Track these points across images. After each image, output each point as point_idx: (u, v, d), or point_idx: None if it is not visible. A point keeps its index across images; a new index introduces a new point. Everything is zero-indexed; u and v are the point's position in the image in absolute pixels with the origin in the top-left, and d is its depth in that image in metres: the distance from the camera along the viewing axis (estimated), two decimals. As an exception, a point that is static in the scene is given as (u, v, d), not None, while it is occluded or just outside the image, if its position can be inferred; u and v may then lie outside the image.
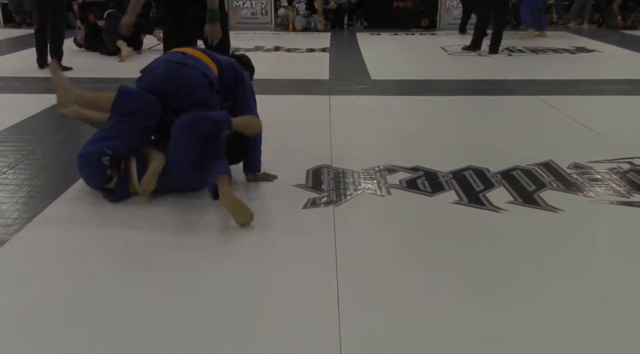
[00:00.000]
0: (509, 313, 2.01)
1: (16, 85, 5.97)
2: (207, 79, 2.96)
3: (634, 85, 5.87)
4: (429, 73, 6.78)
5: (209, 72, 3.01)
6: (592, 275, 2.27)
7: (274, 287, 2.16)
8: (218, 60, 3.12)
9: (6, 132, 4.14)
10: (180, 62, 2.98)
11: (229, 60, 3.22)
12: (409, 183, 3.18)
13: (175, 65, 2.98)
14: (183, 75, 2.95)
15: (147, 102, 2.90)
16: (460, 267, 2.31)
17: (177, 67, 2.97)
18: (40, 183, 3.15)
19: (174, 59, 3.03)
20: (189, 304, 2.05)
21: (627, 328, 1.94)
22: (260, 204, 2.91)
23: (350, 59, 7.69)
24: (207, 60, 3.06)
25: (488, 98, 5.36)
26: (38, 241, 2.53)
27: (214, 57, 3.13)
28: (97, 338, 1.87)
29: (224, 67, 3.11)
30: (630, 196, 3.00)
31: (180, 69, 2.96)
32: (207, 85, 2.96)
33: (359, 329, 1.91)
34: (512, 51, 8.23)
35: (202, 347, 1.82)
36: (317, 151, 3.67)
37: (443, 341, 1.86)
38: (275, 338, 1.86)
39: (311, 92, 5.52)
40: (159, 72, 2.98)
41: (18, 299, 2.09)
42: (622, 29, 10.95)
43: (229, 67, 3.14)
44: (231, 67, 3.15)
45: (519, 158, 3.52)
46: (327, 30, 10.88)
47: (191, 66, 2.96)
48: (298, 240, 2.54)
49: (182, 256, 2.39)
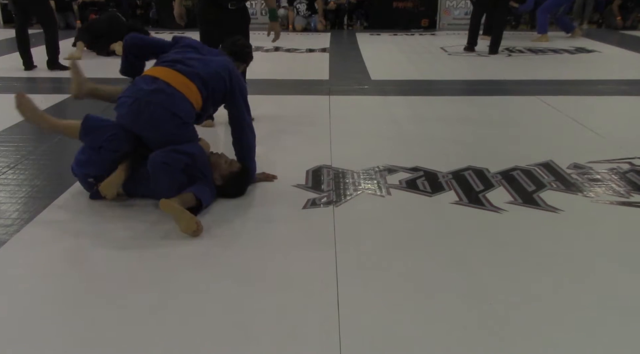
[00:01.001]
0: (509, 313, 2.01)
1: (16, 85, 5.97)
2: (176, 119, 2.76)
3: (634, 86, 5.87)
4: (429, 73, 6.78)
5: (182, 106, 2.78)
6: (591, 275, 2.27)
7: (274, 287, 2.16)
8: (202, 78, 2.87)
9: (6, 132, 4.14)
10: (148, 100, 2.73)
11: (217, 70, 2.94)
12: (408, 183, 3.18)
13: (140, 104, 2.74)
14: (148, 118, 2.74)
15: (110, 137, 2.77)
16: (460, 267, 2.31)
17: (143, 107, 2.73)
18: (40, 184, 3.15)
19: (142, 94, 2.76)
20: (188, 304, 2.05)
21: (628, 328, 1.94)
22: (260, 204, 2.91)
23: (350, 59, 7.69)
24: (184, 88, 2.80)
25: (488, 98, 5.36)
26: (38, 241, 2.53)
27: (197, 75, 2.86)
28: (96, 338, 1.87)
29: (210, 83, 2.89)
30: (630, 196, 3.00)
31: (145, 109, 2.73)
32: (176, 126, 2.78)
33: (359, 329, 1.91)
34: (512, 51, 8.24)
35: (202, 347, 1.82)
36: (317, 151, 3.67)
37: (443, 341, 1.86)
38: (275, 338, 1.86)
39: (311, 92, 5.52)
40: (124, 111, 2.79)
41: (18, 300, 2.09)
42: (622, 29, 10.95)
43: (217, 78, 2.91)
44: (219, 78, 2.92)
45: (518, 159, 3.52)
46: (326, 30, 10.88)
47: (158, 104, 2.73)
48: (298, 240, 2.54)
49: (182, 257, 2.39)
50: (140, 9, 11.50)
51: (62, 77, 5.92)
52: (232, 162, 3.01)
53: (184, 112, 2.80)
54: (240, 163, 3.02)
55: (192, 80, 2.84)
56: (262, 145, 3.95)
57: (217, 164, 2.95)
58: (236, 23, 4.07)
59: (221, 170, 2.93)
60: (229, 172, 2.94)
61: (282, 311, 2.01)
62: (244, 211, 2.83)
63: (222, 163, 2.95)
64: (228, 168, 2.95)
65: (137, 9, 11.50)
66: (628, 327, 1.94)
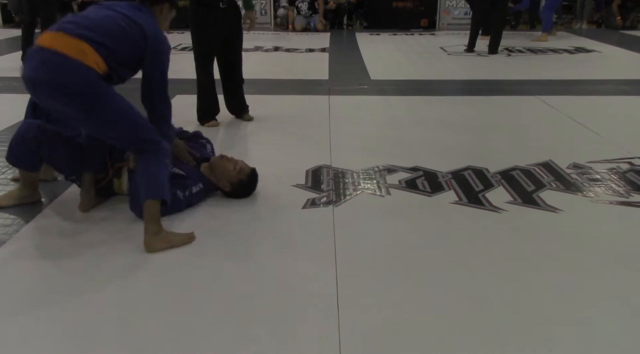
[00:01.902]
0: (509, 313, 2.01)
1: (16, 85, 5.96)
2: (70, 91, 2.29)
3: (634, 85, 5.87)
4: (429, 73, 6.79)
5: (75, 75, 2.28)
6: (591, 275, 2.27)
7: (274, 287, 2.16)
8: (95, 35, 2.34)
9: (6, 132, 4.13)
10: (34, 80, 2.33)
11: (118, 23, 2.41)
12: (408, 183, 3.18)
13: (32, 87, 2.36)
14: (45, 99, 2.40)
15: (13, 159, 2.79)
16: (460, 267, 2.31)
17: (36, 89, 2.36)
18: (39, 184, 3.14)
19: (26, 73, 2.35)
20: (188, 304, 2.05)
21: (627, 328, 1.94)
22: (260, 204, 2.91)
23: (350, 59, 7.69)
24: (76, 51, 2.28)
25: (487, 98, 5.36)
26: (37, 241, 2.53)
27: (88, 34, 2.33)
28: (96, 338, 1.87)
29: (108, 39, 2.36)
30: (630, 196, 3.00)
31: (38, 90, 2.37)
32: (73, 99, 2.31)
33: (359, 329, 1.91)
34: (512, 51, 8.24)
35: (202, 347, 1.82)
36: (317, 151, 3.67)
37: (443, 341, 1.86)
38: (275, 338, 1.86)
39: (311, 92, 5.52)
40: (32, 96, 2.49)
41: (17, 300, 2.09)
42: (622, 29, 10.95)
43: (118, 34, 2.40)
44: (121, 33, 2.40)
45: (518, 158, 3.52)
46: (326, 30, 10.88)
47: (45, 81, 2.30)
48: (298, 240, 2.54)
49: (182, 257, 2.39)
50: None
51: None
52: (241, 169, 2.91)
53: (78, 80, 2.28)
54: (250, 168, 2.96)
55: (84, 40, 2.31)
56: (262, 145, 3.97)
57: (226, 171, 2.89)
58: (228, 21, 4.05)
59: (230, 178, 2.89)
60: (238, 179, 2.90)
61: (282, 311, 2.01)
62: (244, 210, 2.83)
63: (231, 170, 2.88)
64: (237, 176, 2.89)
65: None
66: (628, 327, 1.94)
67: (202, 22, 4.03)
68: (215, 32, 4.01)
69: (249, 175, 2.95)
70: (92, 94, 2.33)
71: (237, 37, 4.17)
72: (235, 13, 4.14)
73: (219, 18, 4.00)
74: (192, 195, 2.80)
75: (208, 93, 4.23)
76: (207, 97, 4.23)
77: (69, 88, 2.29)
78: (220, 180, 2.91)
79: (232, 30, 4.09)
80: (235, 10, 4.12)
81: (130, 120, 2.44)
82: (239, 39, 4.19)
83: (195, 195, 2.82)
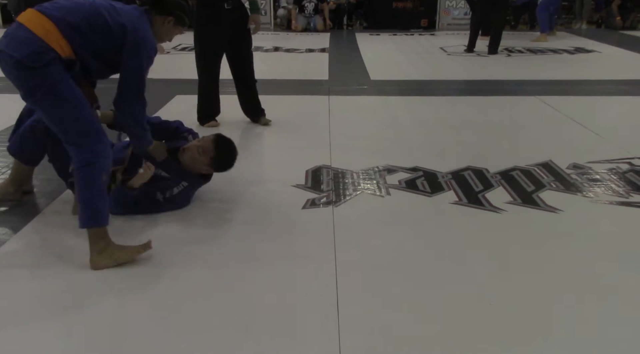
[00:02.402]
0: (509, 313, 2.01)
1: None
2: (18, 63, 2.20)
3: (633, 86, 5.87)
4: (429, 73, 6.79)
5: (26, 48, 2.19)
6: (591, 275, 2.27)
7: (274, 287, 2.16)
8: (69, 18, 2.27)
9: (6, 132, 4.13)
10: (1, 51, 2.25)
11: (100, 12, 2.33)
12: (408, 183, 3.18)
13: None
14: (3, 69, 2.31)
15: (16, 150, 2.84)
16: (460, 267, 2.31)
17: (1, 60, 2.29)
18: (39, 184, 3.14)
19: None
20: (189, 304, 2.05)
21: (627, 328, 1.94)
22: (260, 204, 2.91)
23: (350, 59, 7.69)
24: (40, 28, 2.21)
25: (487, 98, 5.37)
26: (37, 241, 2.53)
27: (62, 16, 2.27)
28: (96, 338, 1.87)
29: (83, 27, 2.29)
30: (629, 196, 3.00)
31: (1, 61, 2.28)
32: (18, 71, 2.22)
33: (359, 329, 1.91)
34: (512, 51, 8.24)
35: (202, 347, 1.82)
36: (317, 151, 3.67)
37: (443, 341, 1.86)
38: (275, 338, 1.86)
39: (311, 92, 5.52)
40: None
41: (17, 300, 2.09)
42: (621, 29, 10.96)
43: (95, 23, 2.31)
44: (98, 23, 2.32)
45: (518, 159, 3.53)
46: (326, 30, 10.88)
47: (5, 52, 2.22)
48: (297, 240, 2.54)
49: (182, 257, 2.39)
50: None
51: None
52: (204, 149, 2.82)
53: (27, 53, 2.19)
54: (210, 140, 2.86)
55: (54, 20, 2.24)
56: (261, 145, 3.97)
57: (194, 161, 2.83)
58: (233, 22, 4.03)
59: (202, 163, 2.84)
60: (209, 160, 2.83)
61: (282, 311, 2.01)
62: (243, 211, 2.83)
63: (197, 156, 2.82)
64: (207, 158, 2.82)
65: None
66: (628, 327, 1.94)
67: (205, 22, 4.01)
68: (218, 33, 3.99)
69: (216, 148, 2.84)
70: (38, 74, 2.22)
71: (243, 38, 4.12)
72: (241, 14, 4.10)
73: (222, 18, 3.98)
74: (174, 195, 2.76)
75: (208, 93, 4.22)
76: (208, 97, 4.23)
77: (20, 62, 2.19)
78: (199, 169, 2.87)
79: (236, 31, 4.05)
80: (241, 12, 4.08)
81: (72, 114, 2.28)
82: (244, 40, 4.14)
83: (178, 195, 2.78)
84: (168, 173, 2.81)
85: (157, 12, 2.50)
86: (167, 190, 2.75)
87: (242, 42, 4.13)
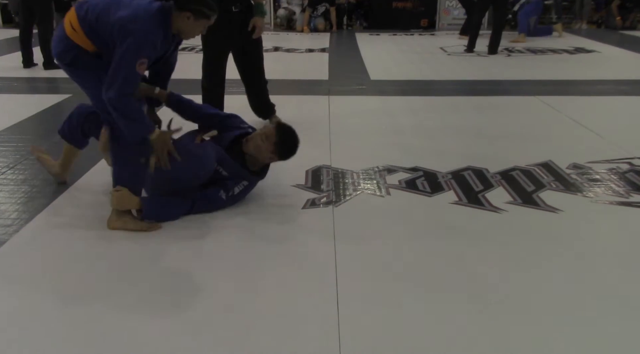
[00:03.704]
0: (509, 313, 2.01)
1: (16, 85, 5.97)
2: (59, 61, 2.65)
3: (633, 86, 5.87)
4: (428, 73, 6.79)
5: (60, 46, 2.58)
6: (591, 275, 2.27)
7: (274, 287, 2.16)
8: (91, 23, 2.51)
9: (6, 132, 4.14)
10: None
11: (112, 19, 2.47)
12: (408, 183, 3.18)
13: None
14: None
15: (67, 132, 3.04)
16: (460, 267, 2.31)
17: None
18: (39, 184, 3.15)
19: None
20: (189, 304, 2.05)
21: (627, 328, 1.94)
22: (260, 204, 2.91)
23: (350, 59, 7.70)
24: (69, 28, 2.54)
25: (487, 98, 5.37)
26: (37, 241, 2.53)
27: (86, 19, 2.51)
28: (96, 339, 1.87)
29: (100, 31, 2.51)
30: (629, 196, 3.00)
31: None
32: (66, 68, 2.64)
33: (359, 329, 1.91)
34: (511, 52, 8.24)
35: (203, 347, 1.82)
36: (317, 151, 3.67)
37: (443, 341, 1.86)
38: (275, 338, 1.86)
39: (310, 93, 5.52)
40: None
41: (17, 300, 2.09)
42: (621, 29, 10.96)
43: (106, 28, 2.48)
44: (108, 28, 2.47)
45: (518, 159, 3.53)
46: (326, 30, 10.89)
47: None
48: (297, 240, 2.54)
49: (182, 257, 2.39)
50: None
51: (58, 77, 5.92)
52: (267, 136, 2.84)
53: (60, 51, 2.59)
54: (271, 127, 2.91)
55: (80, 22, 2.52)
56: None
57: (259, 150, 2.85)
58: (241, 26, 3.96)
59: (265, 151, 2.85)
60: (273, 146, 2.84)
61: (282, 311, 2.01)
62: (243, 211, 2.83)
63: (260, 144, 2.84)
64: (270, 145, 2.84)
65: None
66: (628, 327, 1.94)
67: (211, 26, 3.99)
68: (224, 36, 3.92)
69: (278, 133, 2.86)
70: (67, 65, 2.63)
71: (249, 41, 4.03)
72: (248, 17, 4.00)
73: (230, 22, 3.91)
74: (235, 195, 2.82)
75: (211, 95, 4.19)
76: (210, 99, 4.19)
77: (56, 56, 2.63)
78: (263, 158, 2.89)
79: (244, 34, 3.97)
80: (249, 15, 3.99)
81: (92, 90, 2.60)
82: (253, 43, 4.06)
83: (238, 195, 2.84)
84: (228, 172, 2.83)
85: (176, 8, 2.53)
86: (230, 190, 2.81)
87: (251, 46, 4.06)
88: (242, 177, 2.86)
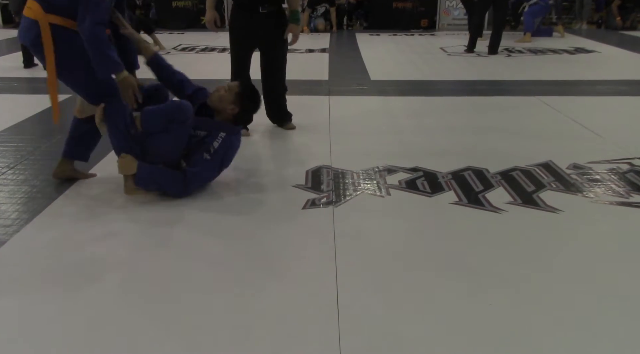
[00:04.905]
0: (509, 314, 2.01)
1: (16, 86, 5.97)
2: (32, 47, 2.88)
3: (633, 86, 5.87)
4: (429, 73, 6.79)
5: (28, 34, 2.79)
6: (591, 275, 2.27)
7: (274, 287, 2.16)
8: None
9: (6, 132, 4.14)
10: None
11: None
12: (408, 183, 3.18)
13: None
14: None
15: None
16: (460, 267, 2.31)
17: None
18: (39, 184, 3.15)
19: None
20: (189, 304, 2.05)
21: (627, 328, 1.94)
22: (260, 204, 2.91)
23: (350, 59, 7.70)
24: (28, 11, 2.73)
25: (487, 98, 5.37)
26: (37, 241, 2.53)
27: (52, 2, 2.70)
28: (96, 339, 1.87)
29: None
30: (630, 196, 3.00)
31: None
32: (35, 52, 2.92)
33: (359, 329, 1.91)
34: (512, 52, 8.24)
35: (202, 347, 1.82)
36: (317, 151, 3.68)
37: (442, 341, 1.86)
38: (275, 338, 1.86)
39: (311, 93, 5.52)
40: None
41: (17, 300, 2.09)
42: (621, 29, 10.96)
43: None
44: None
45: (518, 159, 3.52)
46: (326, 30, 10.88)
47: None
48: (297, 240, 2.54)
49: (182, 258, 2.39)
50: (140, 9, 11.49)
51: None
52: (229, 86, 3.09)
53: (29, 36, 2.78)
54: (236, 83, 3.14)
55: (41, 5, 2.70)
56: (262, 145, 3.97)
57: (221, 98, 3.05)
58: (265, 28, 3.90)
59: (227, 99, 3.04)
60: (234, 95, 3.04)
61: (282, 312, 2.01)
62: (243, 210, 2.83)
63: (223, 92, 3.05)
64: (232, 94, 3.05)
65: (136, 9, 11.50)
66: (628, 327, 1.94)
67: (237, 25, 3.94)
68: (247, 37, 3.90)
69: (240, 85, 3.10)
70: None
71: (273, 45, 4.00)
72: (278, 22, 3.96)
73: (255, 23, 3.88)
74: (217, 150, 2.95)
75: None
76: None
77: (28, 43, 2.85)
78: (225, 108, 3.05)
79: (268, 37, 3.93)
80: (278, 19, 3.95)
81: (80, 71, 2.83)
82: (275, 48, 4.02)
83: (219, 149, 2.96)
84: (204, 130, 3.00)
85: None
86: (210, 146, 2.94)
87: (272, 50, 4.03)
88: (217, 128, 2.99)
